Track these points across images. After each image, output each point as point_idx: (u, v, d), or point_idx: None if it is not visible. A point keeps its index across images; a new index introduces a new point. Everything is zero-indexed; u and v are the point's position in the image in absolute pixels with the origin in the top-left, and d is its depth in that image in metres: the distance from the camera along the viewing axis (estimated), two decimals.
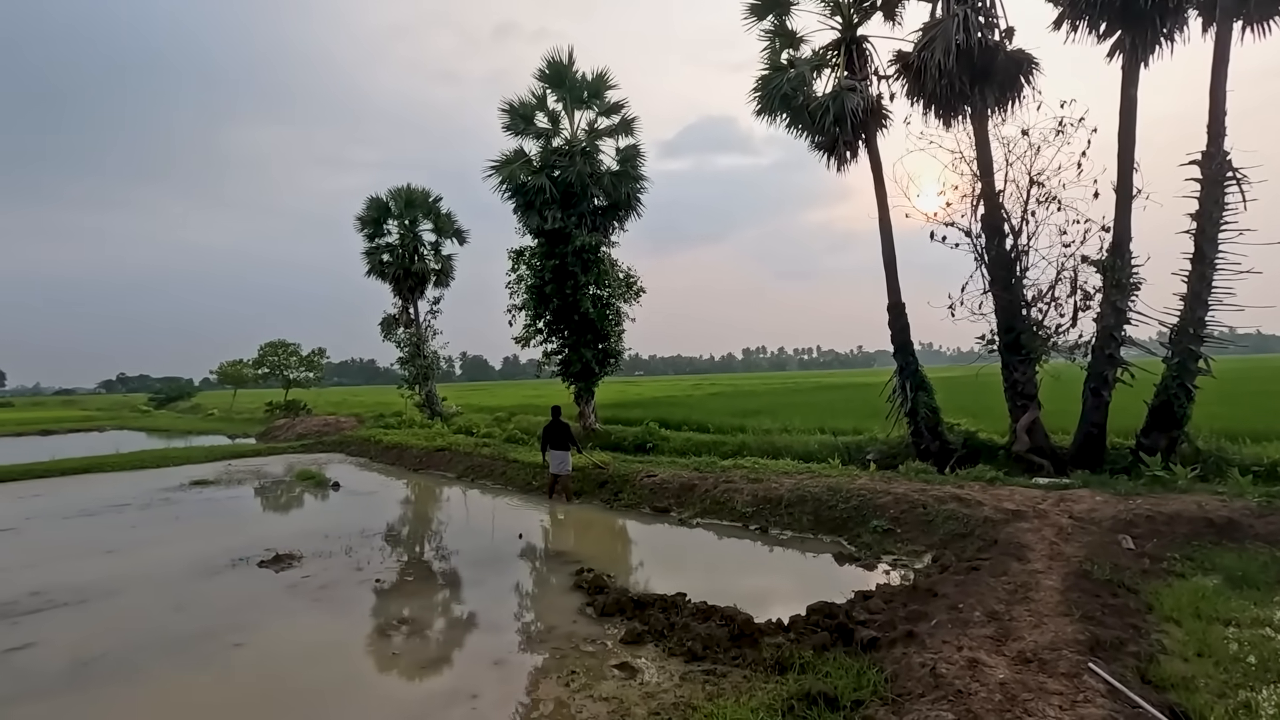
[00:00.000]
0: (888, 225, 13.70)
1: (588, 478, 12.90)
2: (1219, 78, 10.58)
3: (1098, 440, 11.81)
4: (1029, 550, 7.01)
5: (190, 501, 13.36)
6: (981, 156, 12.71)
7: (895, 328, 13.54)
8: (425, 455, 18.09)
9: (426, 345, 28.93)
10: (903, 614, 5.40)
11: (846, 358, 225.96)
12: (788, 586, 7.35)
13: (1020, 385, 12.42)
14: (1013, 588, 5.85)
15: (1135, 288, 11.40)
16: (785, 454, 15.09)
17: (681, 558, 8.89)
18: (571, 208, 19.98)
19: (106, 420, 44.96)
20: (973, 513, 8.42)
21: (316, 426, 26.90)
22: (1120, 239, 11.43)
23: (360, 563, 8.52)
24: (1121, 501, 8.40)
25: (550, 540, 9.68)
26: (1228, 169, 10.61)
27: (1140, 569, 6.64)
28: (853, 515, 9.23)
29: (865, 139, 13.75)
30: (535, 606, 6.87)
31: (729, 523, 10.16)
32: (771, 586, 7.36)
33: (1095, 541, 7.20)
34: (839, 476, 10.79)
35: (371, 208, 28.98)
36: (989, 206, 12.72)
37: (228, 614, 6.75)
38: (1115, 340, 11.46)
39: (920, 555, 7.98)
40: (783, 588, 7.31)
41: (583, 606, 6.64)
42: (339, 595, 7.29)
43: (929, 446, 13.12)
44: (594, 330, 19.98)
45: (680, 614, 6.01)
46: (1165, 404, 11.06)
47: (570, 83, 20.20)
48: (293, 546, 9.33)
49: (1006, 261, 12.63)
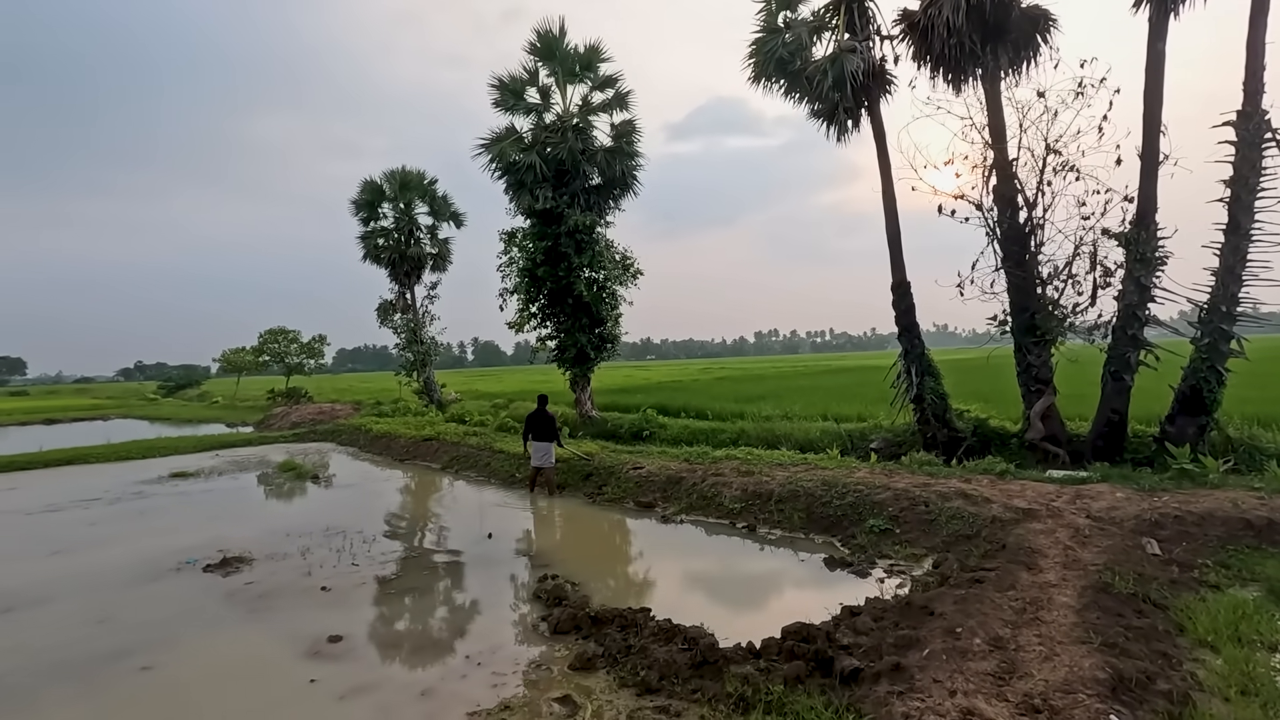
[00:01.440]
0: (892, 199, 12.79)
1: (572, 470, 12.22)
2: (1257, 27, 9.56)
3: (1118, 428, 10.94)
4: (1041, 557, 6.23)
5: (162, 496, 12.85)
6: (994, 122, 11.75)
7: (899, 308, 12.66)
8: (412, 445, 17.50)
9: (424, 331, 28.35)
10: (892, 639, 4.66)
11: (860, 340, 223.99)
12: (768, 597, 6.63)
13: (1034, 369, 11.55)
14: (1021, 605, 5.08)
15: (1161, 262, 10.46)
16: (784, 442, 14.34)
17: (658, 561, 8.19)
18: (564, 186, 19.15)
19: (113, 409, 44.95)
20: (979, 511, 7.64)
21: (311, 414, 26.44)
22: (1145, 209, 10.47)
23: (312, 566, 7.90)
24: (1145, 498, 7.58)
25: (521, 540, 9.02)
26: (1266, 129, 9.62)
27: (1168, 579, 5.85)
28: (848, 513, 8.47)
29: (867, 106, 12.80)
30: (485, 621, 6.20)
31: (716, 520, 9.44)
32: (750, 597, 6.64)
33: (1116, 546, 6.41)
34: (836, 469, 10.02)
35: (366, 191, 28.26)
36: (1001, 177, 11.78)
37: (150, 628, 6.14)
38: (1139, 319, 10.54)
39: (920, 560, 7.22)
40: (762, 599, 6.58)
41: (538, 621, 5.97)
42: (277, 605, 6.67)
43: (936, 435, 12.30)
44: (589, 314, 19.23)
45: (640, 634, 5.31)
46: (1194, 388, 10.16)
47: (561, 55, 19.28)
48: (249, 547, 8.75)
49: (1020, 236, 11.71)
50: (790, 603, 6.33)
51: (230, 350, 41.87)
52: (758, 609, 6.22)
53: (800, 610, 5.81)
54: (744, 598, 6.59)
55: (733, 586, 6.97)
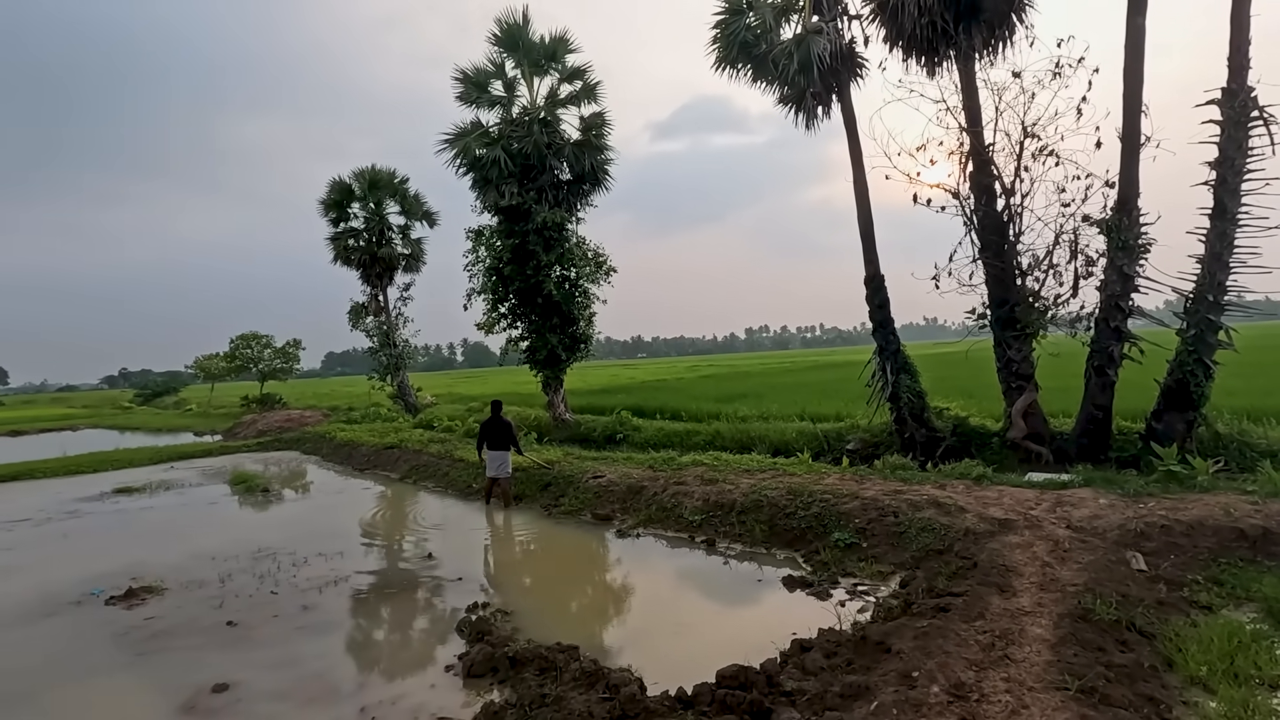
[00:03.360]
0: (864, 188, 12.18)
1: (530, 479, 11.54)
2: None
3: (1102, 425, 10.39)
4: (1016, 576, 5.62)
5: (98, 515, 12.07)
6: (969, 105, 11.17)
7: (873, 303, 12.07)
8: (374, 454, 16.76)
9: (397, 334, 27.58)
10: (838, 687, 4.02)
11: (850, 334, 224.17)
12: (717, 626, 5.98)
13: (1015, 365, 10.99)
14: (990, 640, 4.46)
15: (1144, 250, 9.90)
16: (759, 445, 13.74)
17: (606, 583, 7.54)
18: (531, 182, 18.45)
19: (85, 418, 43.82)
20: (952, 522, 7.03)
21: (279, 422, 25.60)
22: (1127, 193, 9.90)
23: (227, 596, 7.20)
24: (1130, 505, 7.00)
25: (463, 560, 8.33)
26: (1252, 108, 9.06)
27: (1155, 599, 5.25)
28: (813, 525, 7.84)
29: (837, 90, 12.18)
30: (396, 663, 5.53)
31: (675, 533, 8.79)
32: (697, 626, 5.99)
33: (1098, 562, 5.80)
34: (805, 475, 9.40)
35: (334, 191, 27.45)
36: (978, 163, 11.21)
37: (16, 678, 5.43)
38: (1122, 310, 9.98)
39: (887, 578, 6.60)
40: (711, 628, 5.93)
41: (454, 661, 5.30)
42: (171, 645, 5.97)
43: (914, 435, 11.72)
44: (560, 314, 18.55)
45: (560, 680, 4.65)
46: (1180, 382, 9.62)
47: (526, 46, 18.55)
48: (167, 574, 8.05)
49: (998, 225, 11.15)
50: (740, 632, 5.70)
51: (203, 356, 40.86)
52: (703, 641, 5.57)
53: (750, 641, 5.19)
54: (690, 627, 5.94)
55: (680, 613, 6.31)
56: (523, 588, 7.23)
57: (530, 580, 7.65)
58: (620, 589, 7.31)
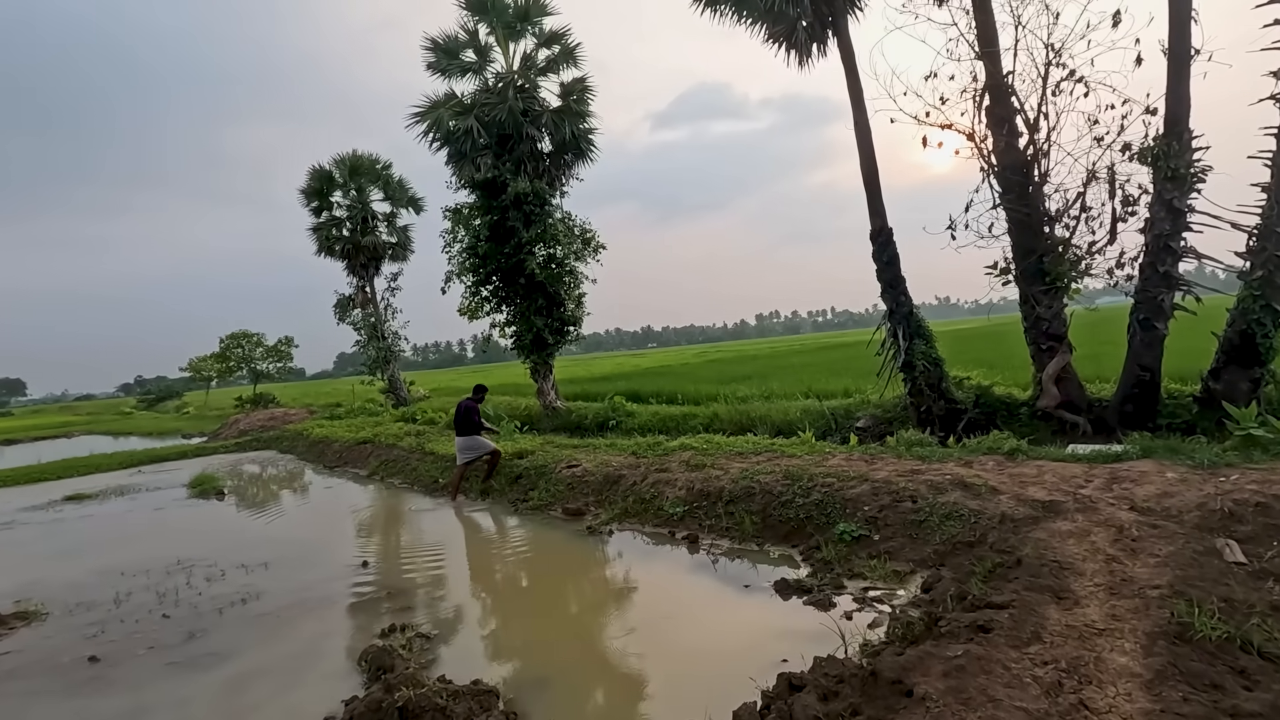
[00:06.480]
0: (866, 132, 10.77)
1: (500, 472, 10.29)
2: None
3: (1150, 388, 8.96)
4: (1075, 576, 4.28)
5: (30, 526, 10.97)
6: (983, 27, 9.72)
7: (881, 259, 10.67)
8: (346, 450, 15.58)
9: (385, 325, 26.42)
10: None
11: (861, 317, 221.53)
12: (685, 655, 4.64)
13: (1045, 323, 9.57)
14: (1054, 677, 3.14)
15: (1199, 179, 8.43)
16: (760, 426, 12.44)
17: (562, 595, 6.23)
18: (508, 153, 17.15)
19: (84, 425, 43.18)
20: (984, 507, 5.68)
21: (261, 421, 24.55)
22: (1175, 114, 8.43)
23: (111, 622, 6.00)
24: (1207, 479, 5.61)
25: (399, 569, 7.09)
26: None
27: (1268, 602, 3.90)
28: (814, 515, 6.51)
29: (832, 20, 10.75)
30: (272, 711, 4.28)
31: (653, 528, 7.49)
32: (660, 652, 4.66)
33: (1181, 554, 4.45)
34: (806, 457, 8.06)
35: (314, 178, 26.34)
36: (995, 95, 9.77)
37: None
38: (1173, 252, 8.54)
39: (905, 580, 5.27)
40: (675, 659, 4.58)
41: (338, 711, 4.06)
42: (8, 691, 4.78)
43: (931, 408, 10.35)
44: (545, 295, 17.22)
45: None
46: (1244, 334, 8.20)
47: (498, 8, 17.20)
48: (61, 593, 6.90)
49: (1021, 164, 9.70)
50: (716, 661, 4.40)
51: (195, 358, 40.02)
52: (665, 679, 4.27)
53: (728, 674, 3.92)
54: (652, 657, 4.62)
55: (643, 638, 4.96)
56: (458, 603, 5.97)
57: (470, 593, 6.38)
58: (577, 601, 6.03)
